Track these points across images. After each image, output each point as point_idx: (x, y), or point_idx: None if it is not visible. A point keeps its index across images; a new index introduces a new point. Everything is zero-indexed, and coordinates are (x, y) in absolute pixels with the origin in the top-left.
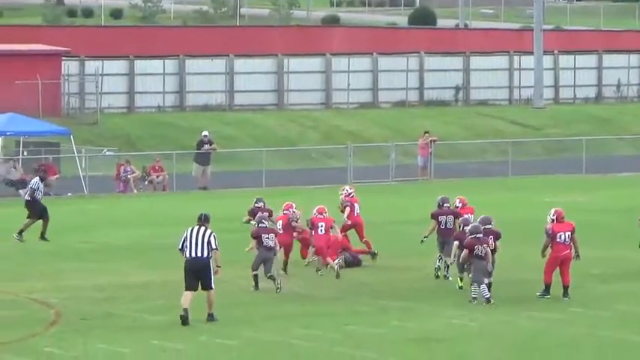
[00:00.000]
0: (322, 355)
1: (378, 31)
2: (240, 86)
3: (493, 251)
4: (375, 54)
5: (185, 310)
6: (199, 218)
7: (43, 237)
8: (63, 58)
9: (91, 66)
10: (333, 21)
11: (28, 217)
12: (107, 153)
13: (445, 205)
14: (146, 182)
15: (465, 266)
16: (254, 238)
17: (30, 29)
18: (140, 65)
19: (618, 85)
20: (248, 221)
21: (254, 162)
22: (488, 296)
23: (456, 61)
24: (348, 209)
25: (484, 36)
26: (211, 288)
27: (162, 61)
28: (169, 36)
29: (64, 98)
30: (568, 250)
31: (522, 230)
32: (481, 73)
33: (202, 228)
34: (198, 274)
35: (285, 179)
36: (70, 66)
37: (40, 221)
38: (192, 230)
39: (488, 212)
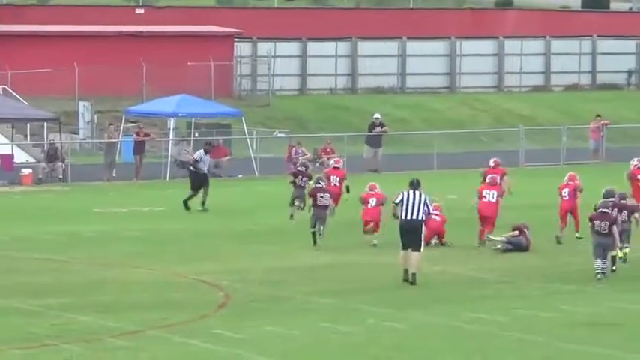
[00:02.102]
0: (490, 339)
1: (551, 14)
2: (412, 69)
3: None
4: (547, 37)
5: (405, 270)
6: (412, 183)
7: (202, 206)
8: (235, 39)
9: (264, 48)
10: (506, 4)
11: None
12: (278, 135)
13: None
14: (317, 164)
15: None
16: None
17: (203, 10)
18: (312, 47)
19: None
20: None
21: (425, 145)
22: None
23: (629, 45)
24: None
25: None
26: (419, 250)
27: (334, 43)
28: (342, 18)
29: (236, 80)
30: None
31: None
32: None
33: (417, 192)
34: (411, 234)
35: (455, 162)
36: (242, 47)
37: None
38: (408, 194)
39: None
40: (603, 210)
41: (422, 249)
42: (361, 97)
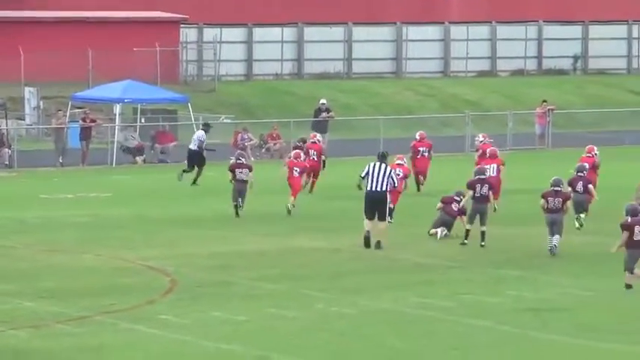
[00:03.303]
0: (437, 324)
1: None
2: (358, 54)
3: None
4: (493, 22)
5: (368, 231)
6: (379, 156)
7: (194, 182)
8: (181, 25)
9: (210, 33)
10: None
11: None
12: (225, 120)
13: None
14: (263, 150)
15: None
16: None
17: None
18: (258, 33)
19: None
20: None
21: (371, 130)
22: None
23: (575, 30)
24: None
25: (603, 5)
26: (385, 220)
27: (280, 28)
28: (288, 3)
29: (182, 66)
30: None
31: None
32: (599, 41)
33: (383, 165)
34: (376, 205)
35: (402, 147)
36: (188, 33)
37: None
38: (374, 166)
39: (607, 181)
40: (556, 188)
41: (387, 219)
42: (307, 82)
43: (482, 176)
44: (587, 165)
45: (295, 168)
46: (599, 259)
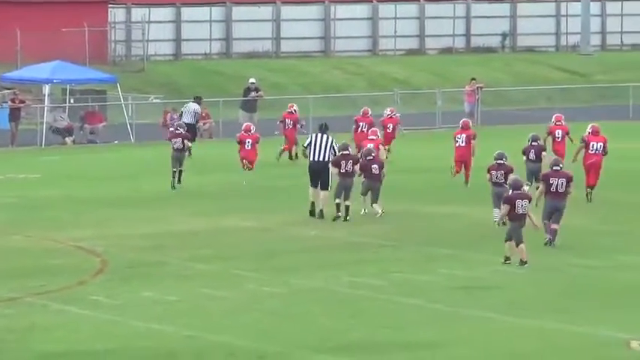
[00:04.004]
0: (369, 302)
1: None
2: (286, 33)
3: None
4: (422, 0)
5: (312, 203)
6: (321, 127)
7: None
8: (109, 5)
9: (138, 13)
10: None
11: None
12: (154, 100)
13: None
14: None
15: None
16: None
17: None
18: (186, 12)
19: None
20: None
21: (300, 109)
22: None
23: (503, 8)
24: None
25: None
26: (327, 189)
27: (208, 8)
28: None
29: (111, 46)
30: (598, 158)
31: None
32: (528, 19)
33: (325, 136)
34: (318, 174)
35: (330, 126)
36: (116, 13)
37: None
38: (316, 137)
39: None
40: (499, 161)
41: (329, 188)
42: (236, 61)
43: (346, 152)
44: (539, 136)
45: (247, 140)
46: (529, 237)
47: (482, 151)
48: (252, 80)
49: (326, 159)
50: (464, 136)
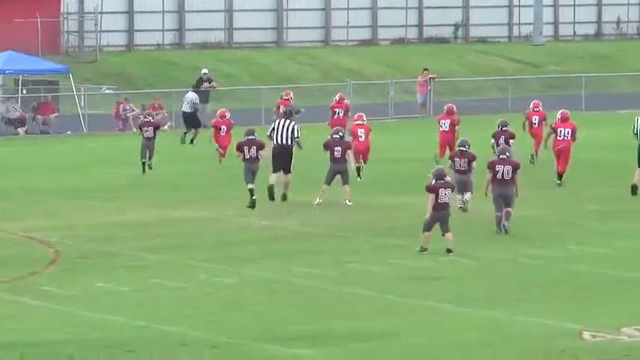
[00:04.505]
0: (321, 293)
1: None
2: (239, 24)
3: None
4: None
5: (271, 185)
6: (285, 112)
7: (192, 142)
8: None
9: (90, 4)
10: None
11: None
12: (106, 91)
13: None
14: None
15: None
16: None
17: None
18: (139, 3)
19: (618, 22)
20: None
21: (253, 100)
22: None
23: None
24: None
25: None
26: (289, 172)
27: None
28: None
29: (63, 36)
30: (567, 144)
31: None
32: (481, 9)
33: (287, 121)
34: (281, 158)
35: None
36: (69, 4)
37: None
38: (279, 122)
39: (489, 150)
40: (462, 148)
41: (292, 171)
42: (189, 52)
43: (251, 137)
44: (508, 122)
45: (222, 127)
46: (480, 228)
47: (434, 141)
48: (204, 71)
49: (289, 143)
50: (448, 121)
